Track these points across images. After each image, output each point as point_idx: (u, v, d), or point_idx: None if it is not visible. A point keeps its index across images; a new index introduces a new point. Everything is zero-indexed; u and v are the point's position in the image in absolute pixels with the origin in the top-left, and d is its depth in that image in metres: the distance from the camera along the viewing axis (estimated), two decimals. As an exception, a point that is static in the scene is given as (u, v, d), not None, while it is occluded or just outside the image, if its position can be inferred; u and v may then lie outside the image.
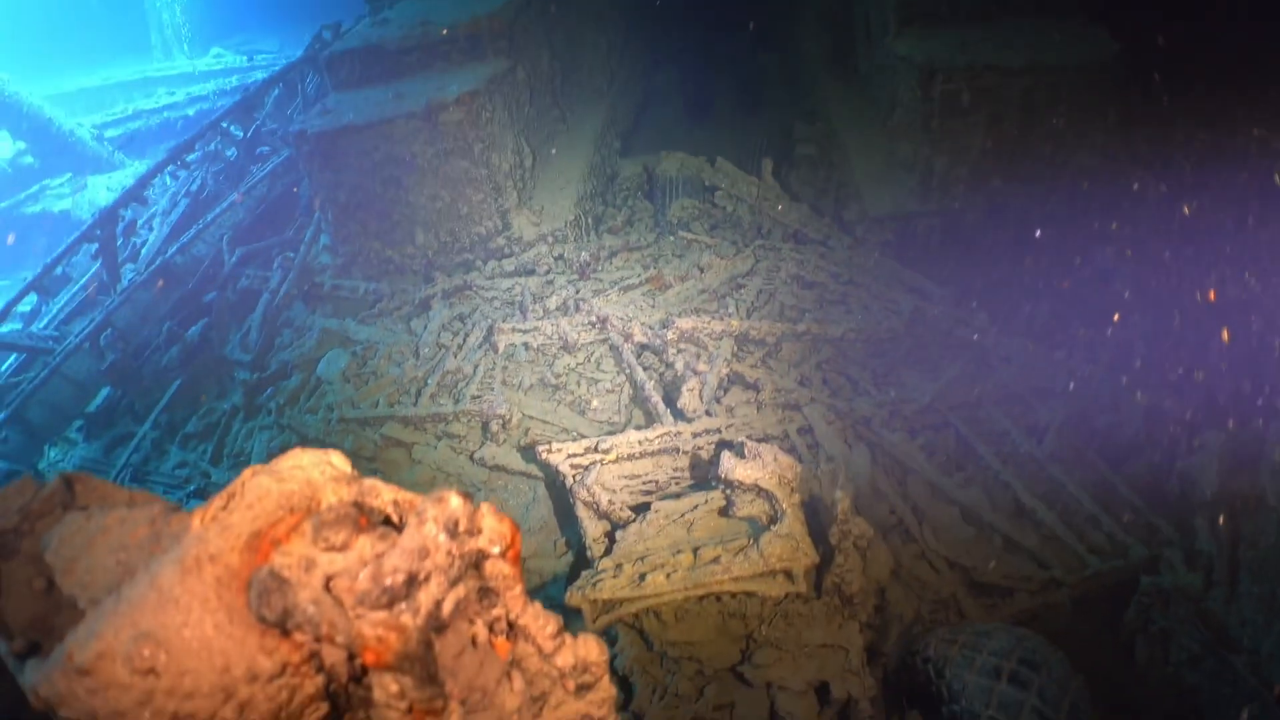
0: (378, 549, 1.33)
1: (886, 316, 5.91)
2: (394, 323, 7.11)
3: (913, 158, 7.01)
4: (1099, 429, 5.51)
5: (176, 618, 1.40)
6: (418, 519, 1.33)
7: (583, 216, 7.55)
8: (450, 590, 1.32)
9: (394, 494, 1.47)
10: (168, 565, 1.45)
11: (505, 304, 6.82)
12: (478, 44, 7.37)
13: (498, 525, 1.38)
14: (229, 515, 1.51)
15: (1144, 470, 5.27)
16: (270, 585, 1.33)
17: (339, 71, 7.78)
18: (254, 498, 1.52)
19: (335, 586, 1.34)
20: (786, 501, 3.73)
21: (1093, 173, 6.75)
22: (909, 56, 6.71)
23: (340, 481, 1.49)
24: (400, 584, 1.25)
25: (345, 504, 1.38)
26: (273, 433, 6.63)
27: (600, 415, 5.79)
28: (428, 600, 1.28)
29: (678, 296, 6.31)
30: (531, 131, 7.86)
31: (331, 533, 1.34)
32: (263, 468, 1.59)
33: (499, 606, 1.46)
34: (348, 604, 1.30)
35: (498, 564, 1.41)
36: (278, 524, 1.47)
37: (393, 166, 6.87)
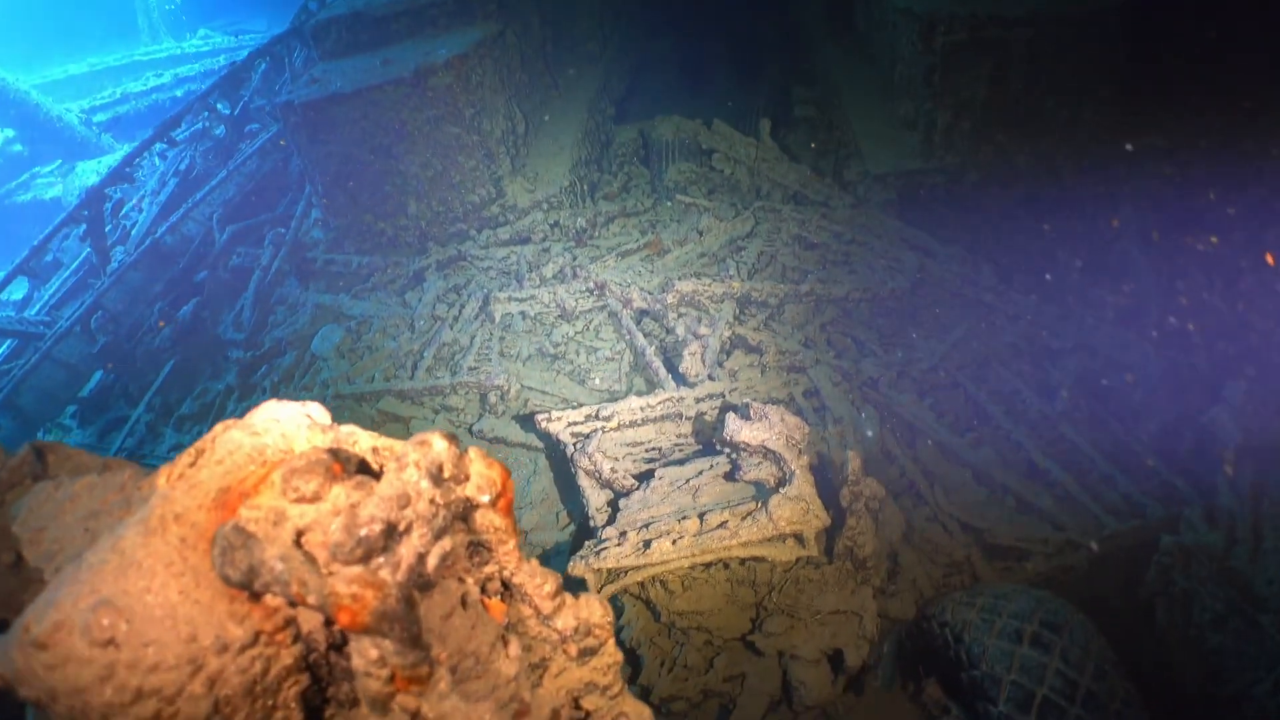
0: (353, 499, 1.18)
1: (891, 275, 5.76)
2: (388, 296, 6.96)
3: (914, 114, 6.84)
4: (1112, 386, 5.38)
5: (139, 583, 1.26)
6: (398, 464, 1.19)
7: (578, 183, 7.38)
8: (435, 543, 1.18)
9: (373, 440, 1.32)
10: (131, 527, 1.31)
11: (501, 273, 6.67)
12: (466, 8, 7.19)
13: (487, 471, 1.24)
14: (197, 472, 1.37)
15: (1159, 427, 5.14)
16: (234, 541, 1.18)
17: (325, 40, 7.60)
18: (224, 452, 1.38)
19: (307, 541, 1.20)
20: (795, 463, 3.59)
21: (1100, 126, 6.58)
22: (909, 9, 6.53)
23: (315, 430, 1.35)
24: (377, 535, 1.11)
25: (318, 450, 1.23)
26: (266, 410, 6.48)
27: (601, 384, 5.65)
28: (409, 554, 1.14)
29: (676, 261, 6.16)
30: (523, 97, 7.69)
31: (302, 481, 1.20)
32: (235, 421, 1.45)
33: (491, 563, 1.31)
34: (321, 560, 1.16)
35: (488, 514, 1.27)
36: (248, 477, 1.33)
37: (382, 135, 6.70)
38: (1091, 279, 6.35)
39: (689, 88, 10.69)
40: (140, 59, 22.69)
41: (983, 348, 5.50)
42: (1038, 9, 6.21)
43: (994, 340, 5.56)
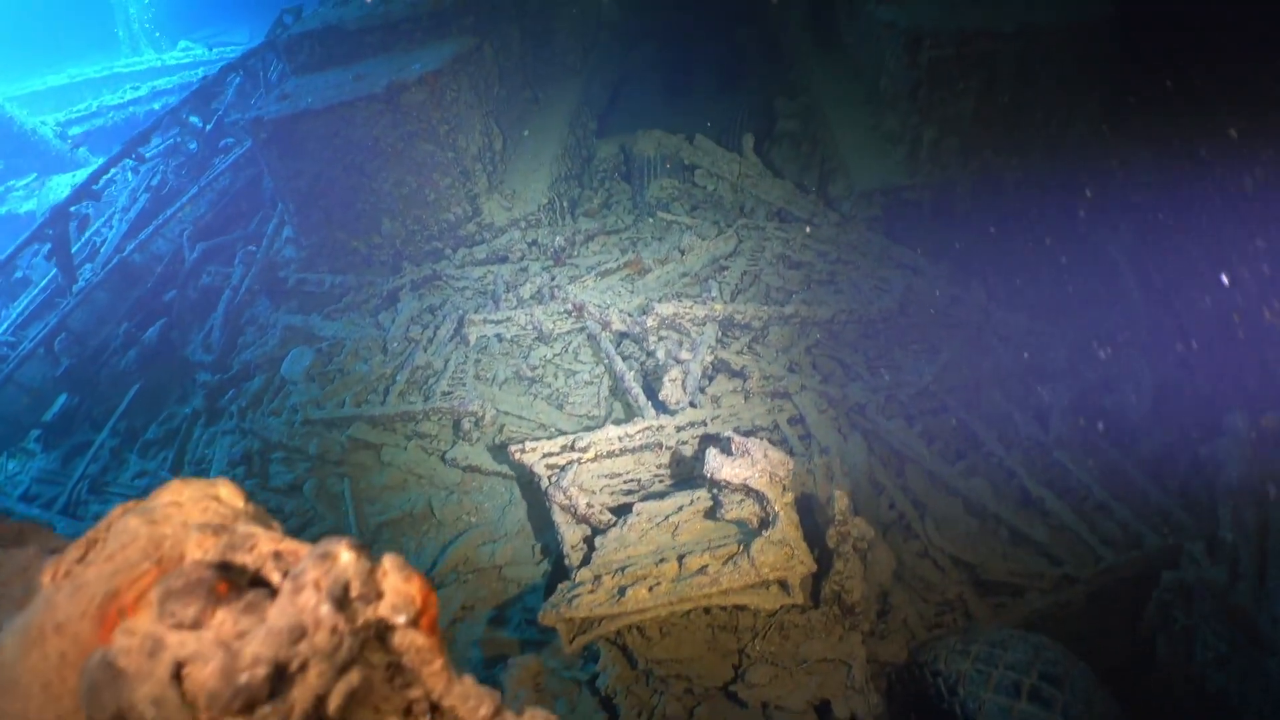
0: (241, 625, 0.99)
1: (878, 295, 5.59)
2: (361, 317, 6.76)
3: (900, 129, 6.68)
4: (1106, 409, 5.22)
5: (14, 705, 1.07)
6: (294, 585, 1.00)
7: (557, 200, 7.20)
8: (338, 679, 0.98)
9: (275, 544, 1.13)
10: (11, 636, 1.12)
11: (477, 293, 6.48)
12: (442, 22, 7.01)
13: (404, 586, 1.05)
14: (84, 570, 1.17)
15: (1155, 452, 4.98)
16: (100, 678, 0.99)
17: (298, 55, 7.42)
18: (117, 546, 1.18)
19: (189, 676, 1.01)
20: (779, 502, 3.41)
21: (1090, 140, 6.43)
22: (894, 22, 6.37)
23: (207, 531, 1.15)
24: (261, 681, 0.91)
25: (201, 565, 1.04)
26: (235, 438, 6.29)
27: (579, 409, 5.47)
28: (304, 696, 0.95)
29: (657, 281, 5.98)
30: (501, 112, 7.51)
31: (180, 605, 1.00)
32: (135, 505, 1.25)
33: (416, 686, 1.13)
34: (200, 704, 0.97)
35: (409, 634, 1.08)
36: (135, 583, 1.14)
37: (355, 152, 6.51)
38: (1082, 296, 6.20)
39: (672, 99, 10.54)
40: (121, 71, 22.44)
41: (972, 370, 5.33)
42: (1026, 22, 6.06)
43: (984, 362, 5.40)
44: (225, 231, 8.58)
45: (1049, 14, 6.11)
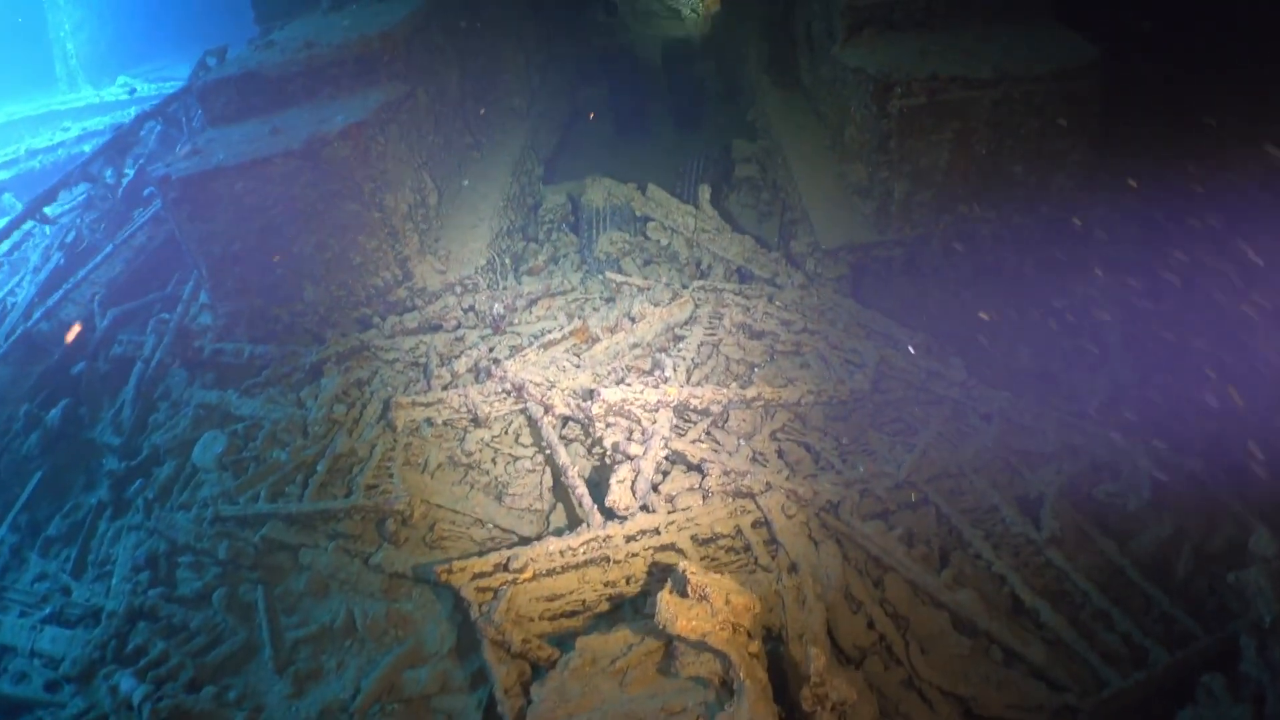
0: None
1: (848, 372, 5.07)
2: (282, 392, 6.14)
3: (868, 181, 6.18)
4: (1099, 499, 4.72)
5: None
6: None
7: (498, 258, 6.63)
8: None
9: None
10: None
11: (409, 365, 5.89)
12: (370, 67, 6.43)
13: None
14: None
15: (1154, 547, 4.49)
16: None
17: (214, 104, 6.81)
18: None
19: None
20: (743, 668, 2.84)
21: (1072, 194, 5.97)
22: (861, 68, 5.88)
23: None
24: None
25: None
26: (141, 535, 5.65)
27: (520, 501, 4.89)
28: None
29: (606, 353, 5.41)
30: (437, 163, 6.93)
31: None
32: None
33: None
34: None
35: None
36: None
37: (272, 213, 5.91)
38: (1067, 364, 5.72)
39: (625, 140, 10.04)
40: (58, 108, 21.64)
41: (954, 455, 4.81)
42: (1003, 68, 5.58)
43: (966, 446, 4.88)
44: (143, 292, 7.92)
45: (1028, 60, 5.64)
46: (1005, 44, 5.90)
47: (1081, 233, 6.06)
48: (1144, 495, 4.61)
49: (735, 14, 9.46)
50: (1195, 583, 4.28)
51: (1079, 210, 6.01)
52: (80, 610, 5.53)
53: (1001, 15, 6.23)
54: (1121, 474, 4.76)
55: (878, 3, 6.21)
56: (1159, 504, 4.57)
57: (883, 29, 6.29)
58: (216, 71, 7.08)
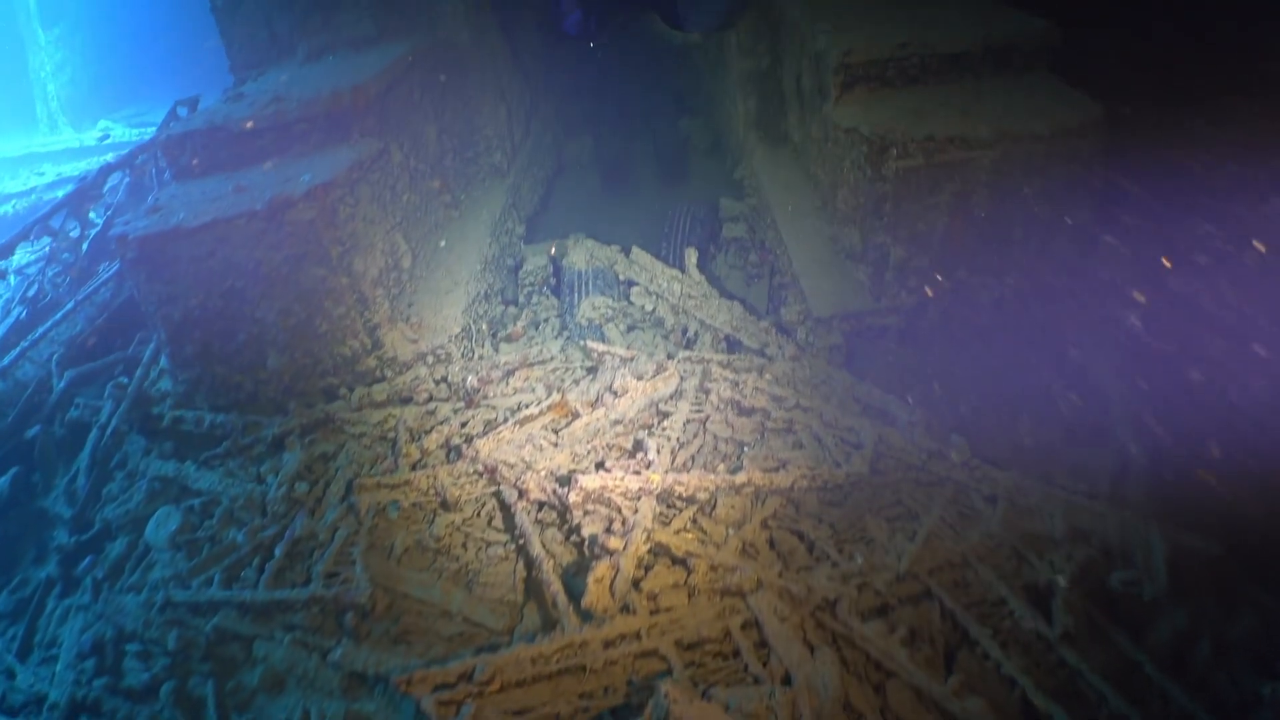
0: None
1: (844, 454, 4.75)
2: (242, 466, 5.79)
3: (861, 246, 5.90)
4: (1113, 587, 4.41)
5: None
6: None
7: (473, 325, 6.31)
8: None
9: None
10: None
11: (377, 440, 5.55)
12: (340, 122, 6.14)
13: None
14: None
15: (1171, 638, 4.18)
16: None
17: (179, 157, 6.51)
18: None
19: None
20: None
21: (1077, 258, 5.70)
22: (855, 128, 5.61)
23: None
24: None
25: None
26: (88, 618, 5.27)
27: (492, 591, 4.53)
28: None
29: (586, 430, 5.08)
30: (413, 223, 6.63)
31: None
32: None
33: None
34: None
35: None
36: None
37: (233, 276, 5.58)
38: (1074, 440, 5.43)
39: (610, 196, 9.78)
40: (38, 150, 21.36)
41: (958, 542, 4.49)
42: (1003, 127, 5.32)
43: (970, 531, 4.56)
44: (105, 352, 7.57)
45: (1027, 118, 5.38)
46: (1003, 101, 5.65)
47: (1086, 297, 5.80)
48: (1160, 583, 4.32)
49: (721, 67, 9.22)
50: (1215, 676, 4.00)
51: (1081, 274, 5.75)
52: (24, 696, 5.15)
53: (998, 70, 5.99)
54: (1135, 559, 4.47)
55: (871, 60, 5.96)
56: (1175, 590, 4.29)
57: (876, 86, 6.04)
58: (182, 124, 6.79)
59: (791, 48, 7.23)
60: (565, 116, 11.07)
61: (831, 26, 6.32)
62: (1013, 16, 6.05)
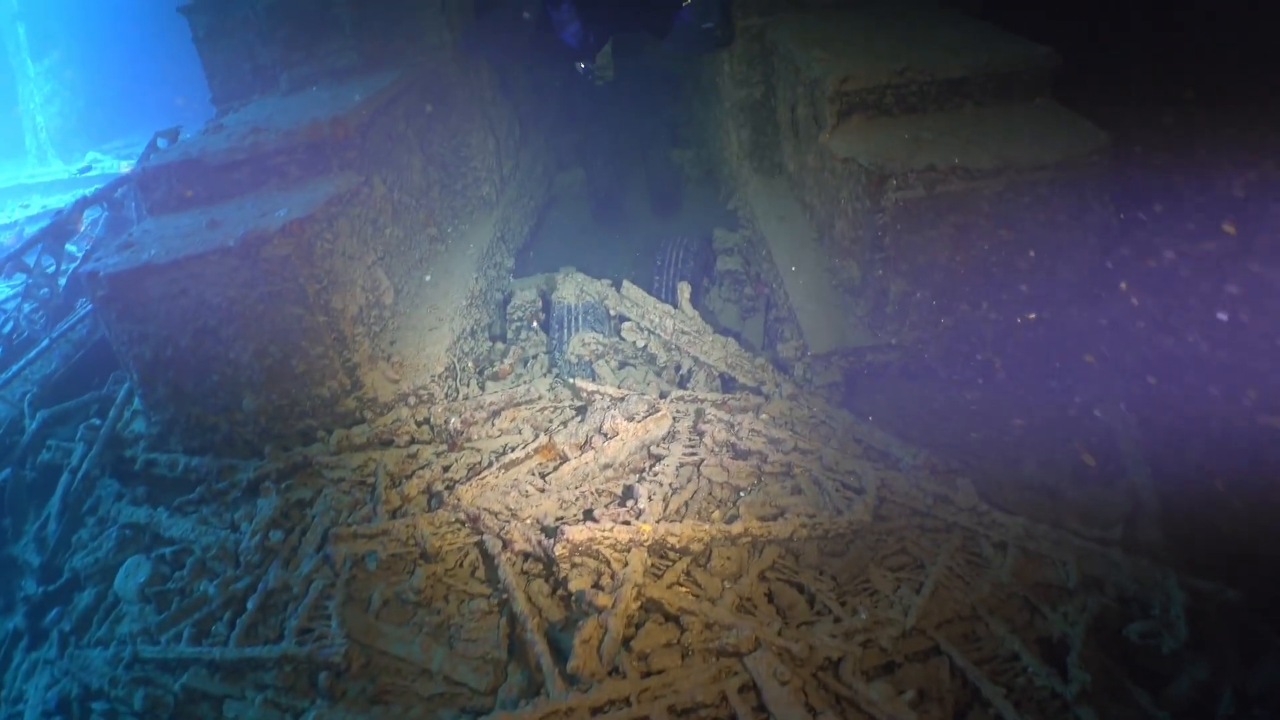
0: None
1: (844, 499, 4.51)
2: (216, 513, 5.53)
3: (860, 279, 5.69)
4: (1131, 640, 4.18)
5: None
6: None
7: (458, 363, 6.07)
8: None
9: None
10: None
11: (356, 485, 5.30)
12: (320, 155, 5.93)
13: None
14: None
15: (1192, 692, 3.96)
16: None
17: (154, 191, 6.29)
18: None
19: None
20: None
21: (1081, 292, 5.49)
22: (852, 158, 5.41)
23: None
24: None
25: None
26: (54, 673, 5.02)
27: (474, 649, 4.27)
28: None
29: (575, 475, 4.84)
30: (396, 257, 6.41)
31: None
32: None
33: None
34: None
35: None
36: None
37: (207, 315, 5.36)
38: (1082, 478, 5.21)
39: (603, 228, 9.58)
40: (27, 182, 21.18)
41: (967, 593, 4.25)
42: (1006, 156, 5.12)
43: (980, 581, 4.32)
44: (80, 390, 7.32)
45: (1031, 147, 5.18)
46: (1006, 129, 5.45)
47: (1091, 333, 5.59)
48: (1180, 634, 4.09)
49: (714, 97, 9.05)
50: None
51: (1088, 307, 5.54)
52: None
53: (1000, 98, 5.79)
54: (1152, 608, 4.25)
55: (869, 87, 5.77)
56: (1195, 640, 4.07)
57: (874, 114, 5.84)
58: (158, 157, 6.58)
59: (785, 76, 7.05)
60: (556, 147, 10.89)
61: (827, 53, 6.14)
62: (1015, 42, 5.86)
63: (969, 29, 6.42)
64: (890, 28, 6.61)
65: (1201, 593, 4.20)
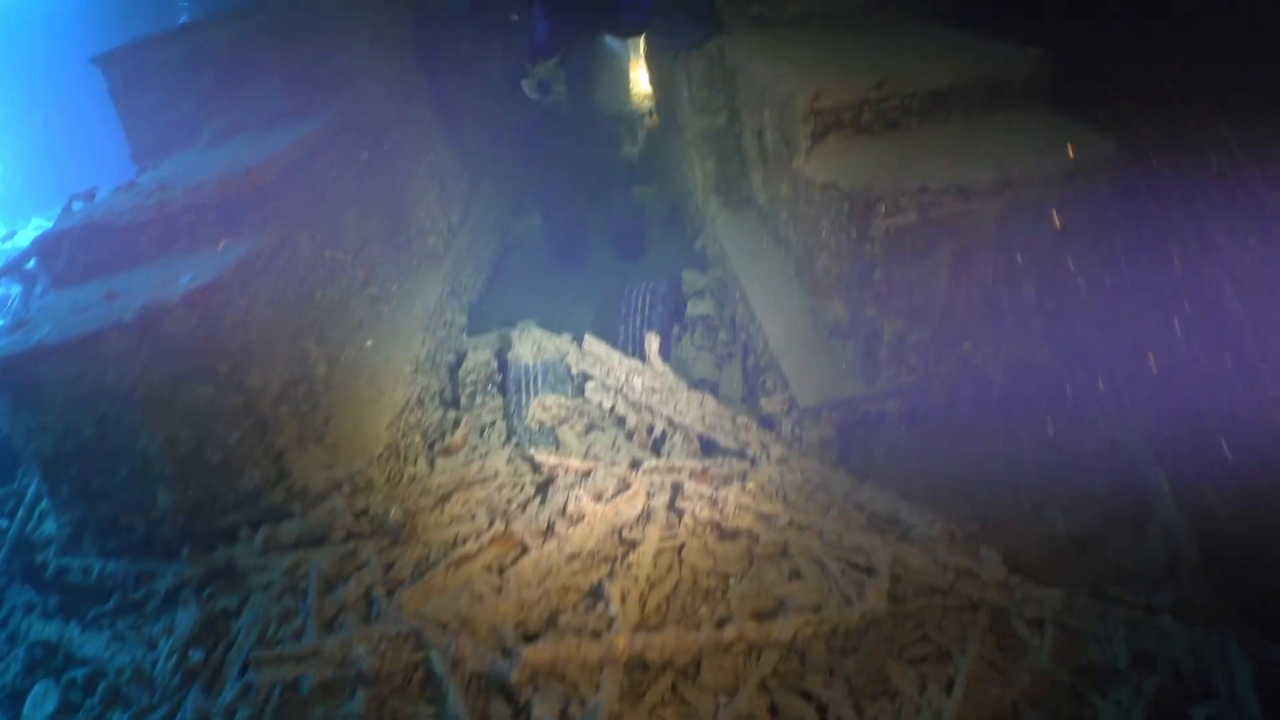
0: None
1: (853, 584, 3.84)
2: (133, 627, 4.84)
3: (848, 321, 5.06)
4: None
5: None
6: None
7: (403, 439, 5.39)
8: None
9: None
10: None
11: (287, 590, 4.59)
12: (234, 211, 5.25)
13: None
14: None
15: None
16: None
17: (56, 261, 5.60)
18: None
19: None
20: None
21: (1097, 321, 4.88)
22: (833, 184, 4.79)
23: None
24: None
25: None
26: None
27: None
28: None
29: (536, 570, 4.15)
30: (329, 324, 5.72)
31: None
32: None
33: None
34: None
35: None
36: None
37: (108, 401, 4.67)
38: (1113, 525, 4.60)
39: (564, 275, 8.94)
40: (-35, 250, 20.44)
41: (1004, 686, 3.61)
42: (1007, 172, 4.51)
43: (1017, 669, 3.68)
44: (-7, 486, 6.60)
45: (1032, 159, 4.57)
46: (1001, 142, 4.84)
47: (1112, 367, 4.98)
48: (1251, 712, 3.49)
49: (675, 128, 8.44)
50: None
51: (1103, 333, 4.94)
52: None
53: (989, 108, 5.20)
54: (1215, 684, 3.64)
55: (845, 104, 5.15)
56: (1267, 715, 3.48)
57: (852, 134, 5.23)
58: (58, 223, 5.91)
59: (750, 99, 6.44)
60: (511, 190, 10.24)
61: (795, 70, 5.54)
62: (1002, 46, 5.28)
63: (947, 37, 5.84)
64: (862, 40, 6.01)
65: (1268, 659, 3.61)
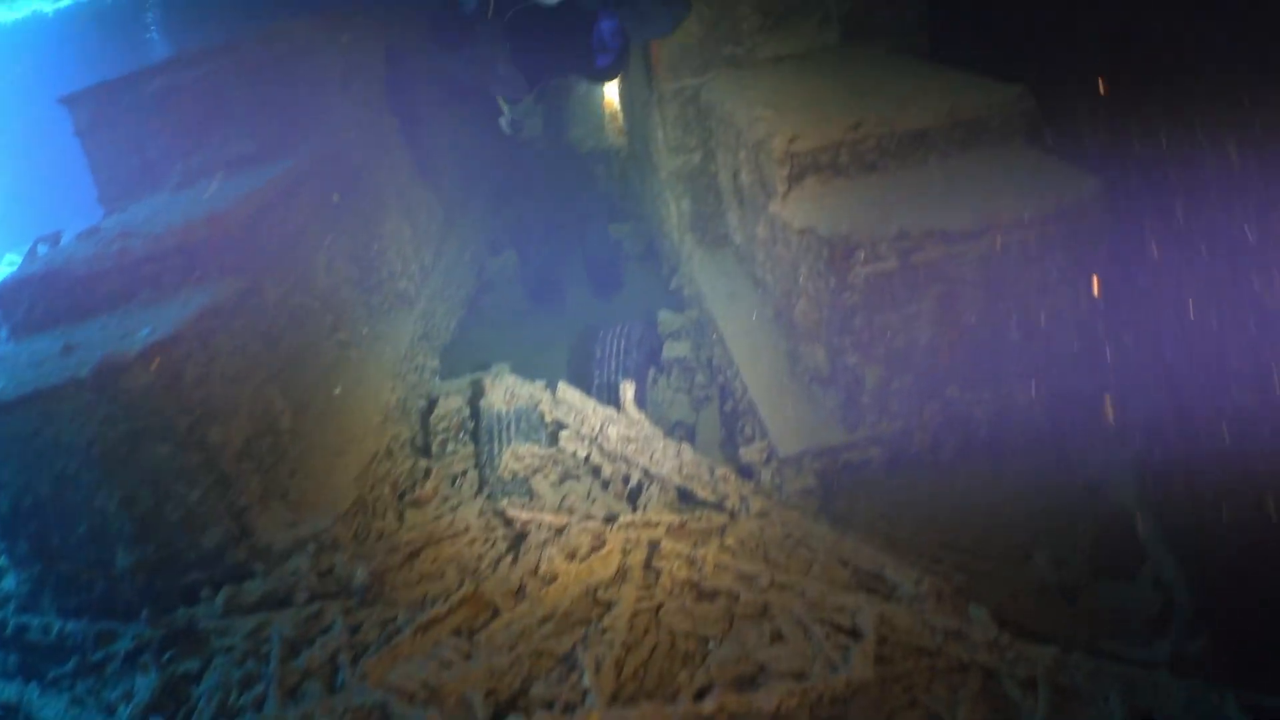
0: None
1: (838, 648, 3.70)
2: (92, 690, 4.66)
3: (828, 367, 4.94)
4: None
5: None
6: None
7: (370, 493, 5.23)
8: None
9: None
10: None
11: (249, 654, 4.41)
12: (196, 260, 5.12)
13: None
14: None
15: None
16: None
17: (15, 310, 5.47)
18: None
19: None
20: None
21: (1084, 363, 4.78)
22: (810, 229, 4.68)
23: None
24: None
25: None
26: None
27: None
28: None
29: (507, 633, 3.98)
30: (295, 373, 5.57)
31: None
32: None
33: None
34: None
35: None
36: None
37: (64, 458, 4.51)
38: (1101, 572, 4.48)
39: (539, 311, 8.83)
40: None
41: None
42: (990, 214, 4.41)
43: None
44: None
45: (1018, 201, 4.48)
46: (983, 182, 4.75)
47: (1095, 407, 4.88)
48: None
49: (650, 166, 8.36)
50: None
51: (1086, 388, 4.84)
52: None
53: (969, 147, 5.11)
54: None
55: (821, 146, 5.07)
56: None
57: (829, 176, 5.14)
58: (17, 270, 5.76)
59: (725, 140, 6.36)
60: (486, 228, 10.13)
61: (771, 111, 5.45)
62: (980, 84, 5.21)
63: (924, 75, 5.78)
64: (838, 80, 5.95)
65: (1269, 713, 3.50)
